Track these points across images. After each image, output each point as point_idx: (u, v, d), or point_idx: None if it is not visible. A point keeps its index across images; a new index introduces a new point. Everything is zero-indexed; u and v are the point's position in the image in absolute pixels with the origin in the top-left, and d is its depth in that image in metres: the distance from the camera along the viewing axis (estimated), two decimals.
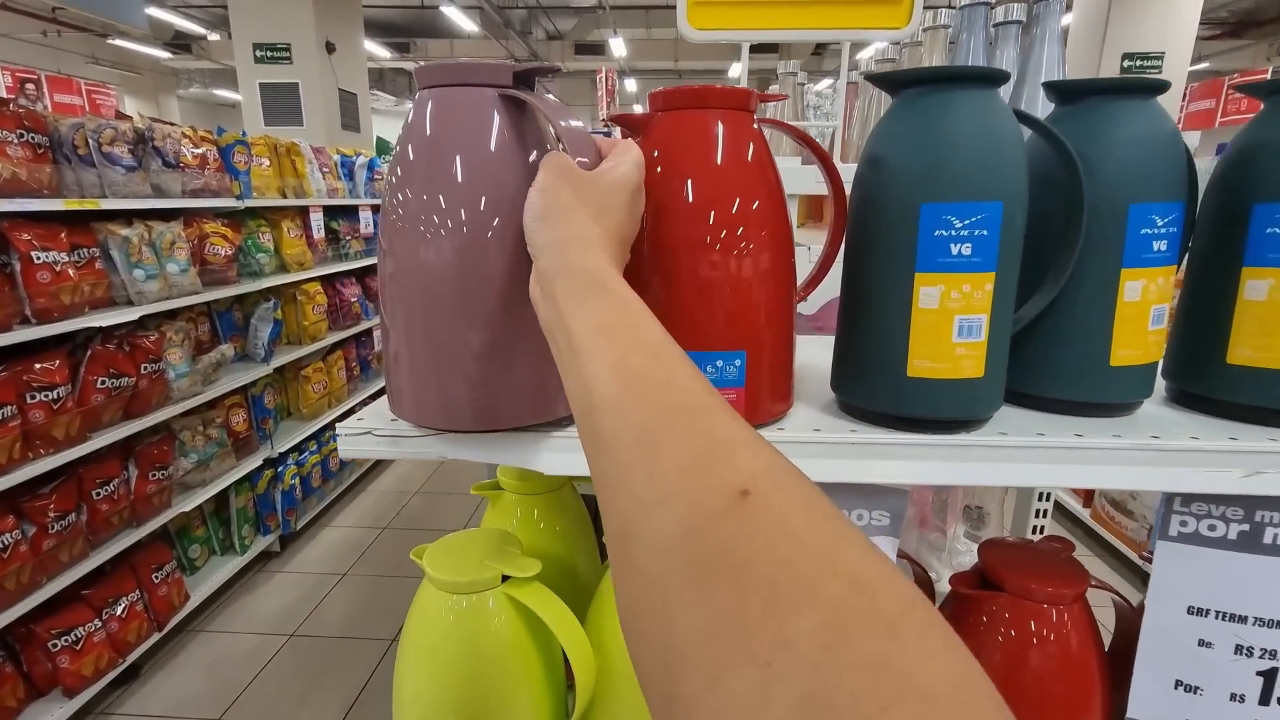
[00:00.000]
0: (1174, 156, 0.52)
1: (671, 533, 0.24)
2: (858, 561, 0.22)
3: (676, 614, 0.23)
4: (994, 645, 0.60)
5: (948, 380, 0.49)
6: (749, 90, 0.51)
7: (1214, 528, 0.52)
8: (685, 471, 0.25)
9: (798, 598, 0.21)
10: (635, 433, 0.28)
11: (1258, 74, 7.28)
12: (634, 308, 0.34)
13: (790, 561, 0.22)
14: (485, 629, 0.58)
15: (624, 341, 0.32)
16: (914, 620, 0.20)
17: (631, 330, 0.33)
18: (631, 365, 0.30)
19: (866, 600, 0.21)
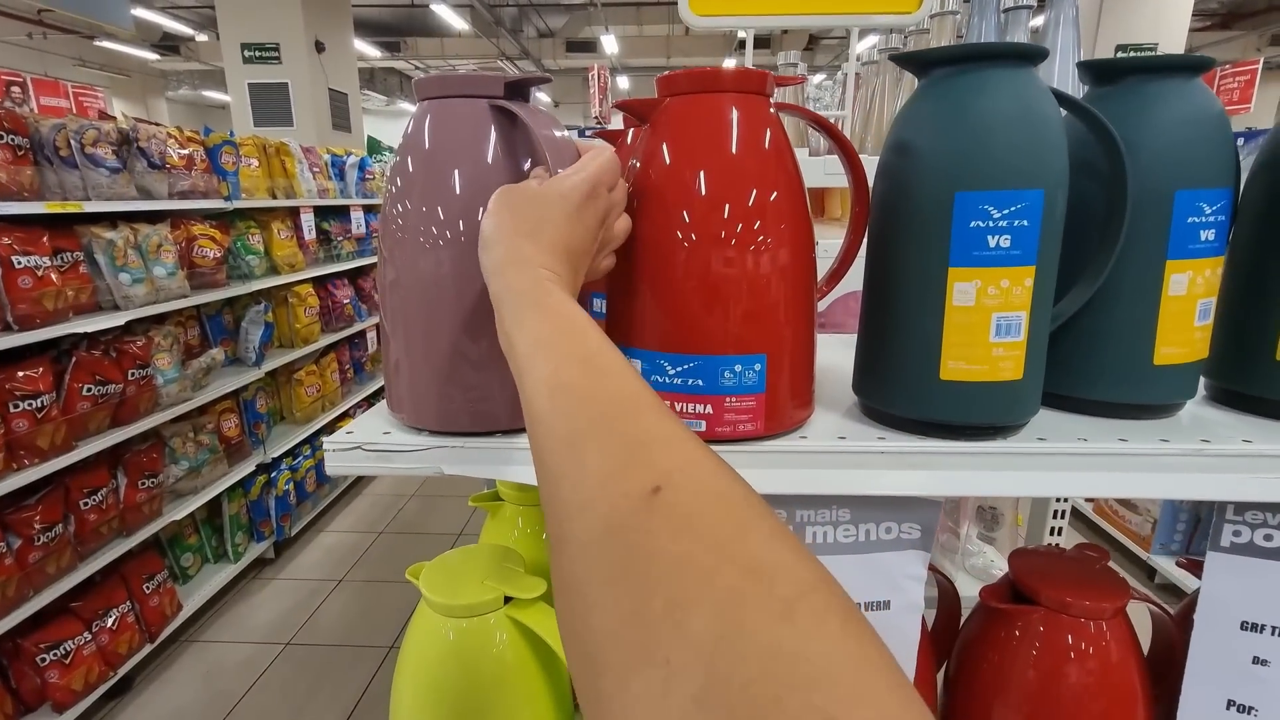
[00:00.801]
0: (1221, 139, 0.48)
1: (591, 537, 0.25)
2: (759, 548, 0.22)
3: (593, 617, 0.23)
4: (1028, 661, 0.57)
5: (984, 383, 0.46)
6: (765, 72, 0.48)
7: (1270, 537, 0.48)
8: (605, 477, 0.26)
9: (694, 591, 0.21)
10: (563, 444, 0.29)
11: (1248, 65, 7.28)
12: (568, 321, 0.35)
13: (689, 555, 0.22)
14: (487, 653, 0.55)
15: (556, 356, 0.33)
16: (811, 604, 0.20)
17: (564, 344, 0.33)
18: (561, 378, 0.31)
19: (764, 587, 0.21)
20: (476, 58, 11.80)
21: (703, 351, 0.46)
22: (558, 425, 0.29)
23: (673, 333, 0.46)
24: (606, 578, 0.23)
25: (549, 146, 0.45)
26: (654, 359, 0.47)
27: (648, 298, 0.46)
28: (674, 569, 0.22)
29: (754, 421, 0.47)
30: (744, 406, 0.47)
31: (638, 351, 0.48)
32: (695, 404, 0.47)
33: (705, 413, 0.47)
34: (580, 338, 0.34)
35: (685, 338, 0.46)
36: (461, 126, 0.48)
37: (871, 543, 0.50)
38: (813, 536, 0.50)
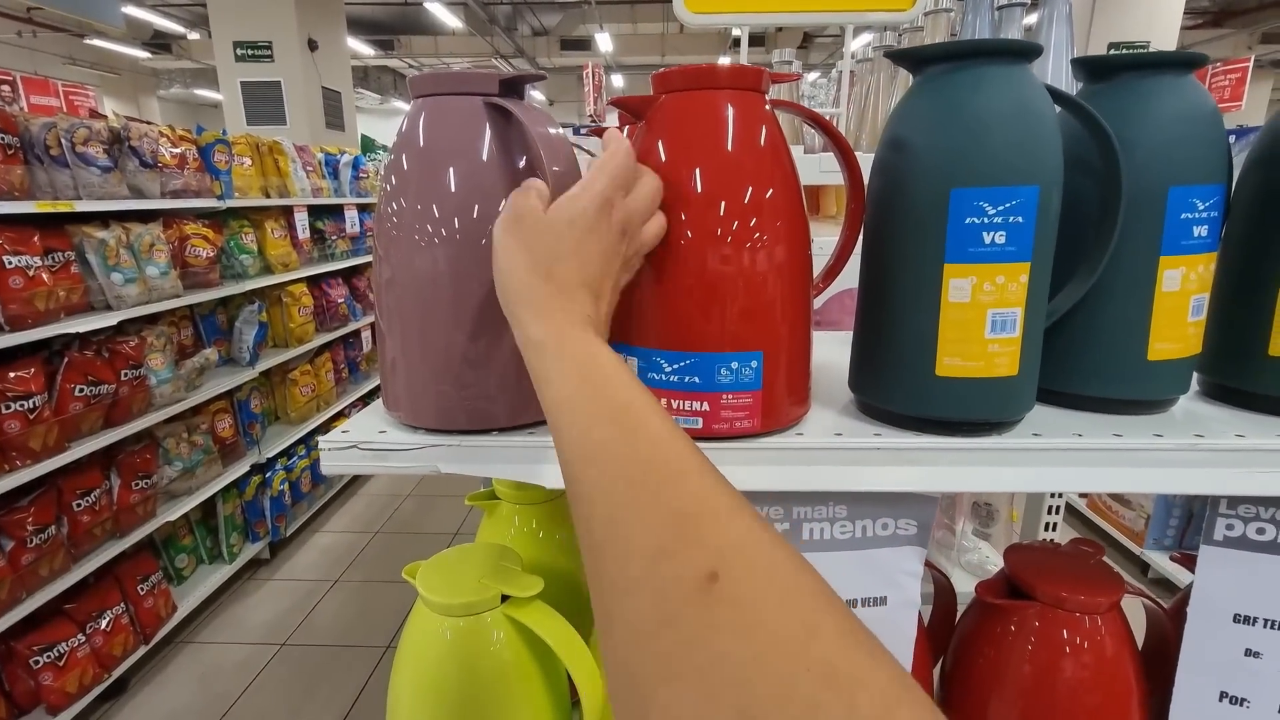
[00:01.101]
0: (1214, 136, 0.49)
1: (643, 622, 0.24)
2: (834, 651, 0.21)
3: (652, 712, 0.22)
4: (1024, 655, 0.57)
5: (980, 379, 0.46)
6: (760, 69, 0.48)
7: (1263, 531, 0.49)
8: (653, 556, 0.25)
9: (770, 704, 0.20)
10: (602, 516, 0.27)
11: (1239, 63, 7.32)
12: (593, 371, 0.33)
13: (759, 659, 0.21)
14: (485, 652, 0.55)
15: (585, 415, 0.31)
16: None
17: (591, 400, 0.32)
18: (593, 440, 0.30)
19: (844, 702, 0.20)
20: (470, 56, 11.77)
21: (699, 349, 0.46)
22: (595, 495, 0.28)
23: (669, 330, 0.46)
24: (664, 674, 0.22)
25: (544, 144, 0.45)
26: (650, 356, 0.47)
27: (644, 295, 0.46)
28: (743, 675, 0.21)
29: (751, 419, 0.47)
30: (740, 404, 0.47)
31: (633, 349, 0.48)
32: (692, 401, 0.47)
33: (702, 410, 0.47)
34: (607, 391, 0.32)
35: (682, 335, 0.46)
36: (456, 124, 0.48)
37: (868, 539, 0.50)
38: (809, 533, 0.50)
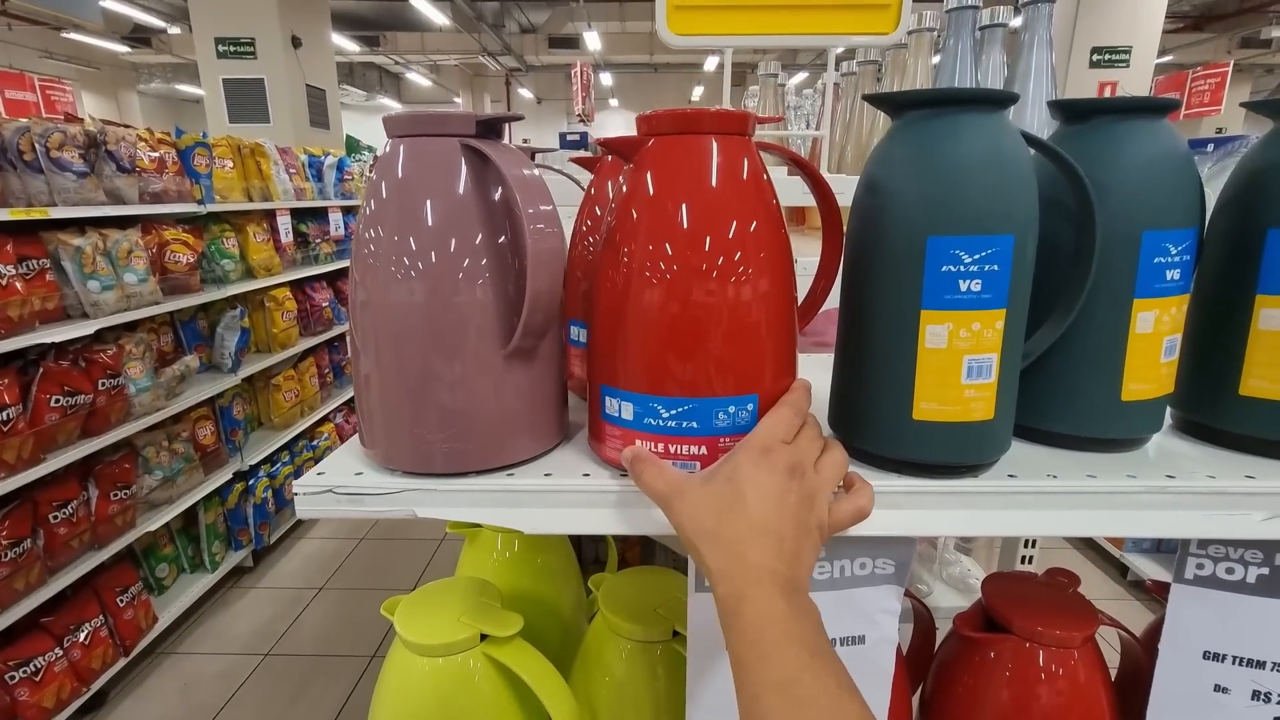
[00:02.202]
0: (1187, 180, 0.49)
1: None
2: None
3: None
4: (1001, 687, 0.58)
5: (956, 424, 0.46)
6: (746, 114, 0.47)
7: (1232, 571, 0.49)
8: None
9: None
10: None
11: (1219, 67, 7.43)
12: (763, 636, 0.34)
13: None
14: (464, 692, 0.54)
15: (754, 681, 0.33)
16: None
17: (759, 667, 0.33)
18: (761, 705, 0.32)
19: None
20: (457, 53, 11.68)
21: (698, 394, 0.45)
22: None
23: (667, 377, 0.46)
24: None
25: (518, 186, 0.44)
26: (647, 402, 0.46)
27: (641, 342, 0.46)
28: None
29: None
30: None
31: (630, 395, 0.47)
32: (690, 445, 0.46)
33: (700, 454, 0.47)
34: (777, 658, 0.33)
35: (680, 381, 0.45)
36: (433, 165, 0.47)
37: (846, 579, 0.51)
38: None
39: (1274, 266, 0.49)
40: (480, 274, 0.47)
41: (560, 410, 0.54)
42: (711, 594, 0.40)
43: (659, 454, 0.47)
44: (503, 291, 0.47)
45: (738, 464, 0.41)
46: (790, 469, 0.41)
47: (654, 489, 0.43)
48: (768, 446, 0.41)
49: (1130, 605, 2.64)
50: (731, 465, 0.41)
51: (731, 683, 0.35)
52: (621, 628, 0.57)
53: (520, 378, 0.49)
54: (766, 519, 0.38)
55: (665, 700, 0.56)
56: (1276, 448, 0.51)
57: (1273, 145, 0.51)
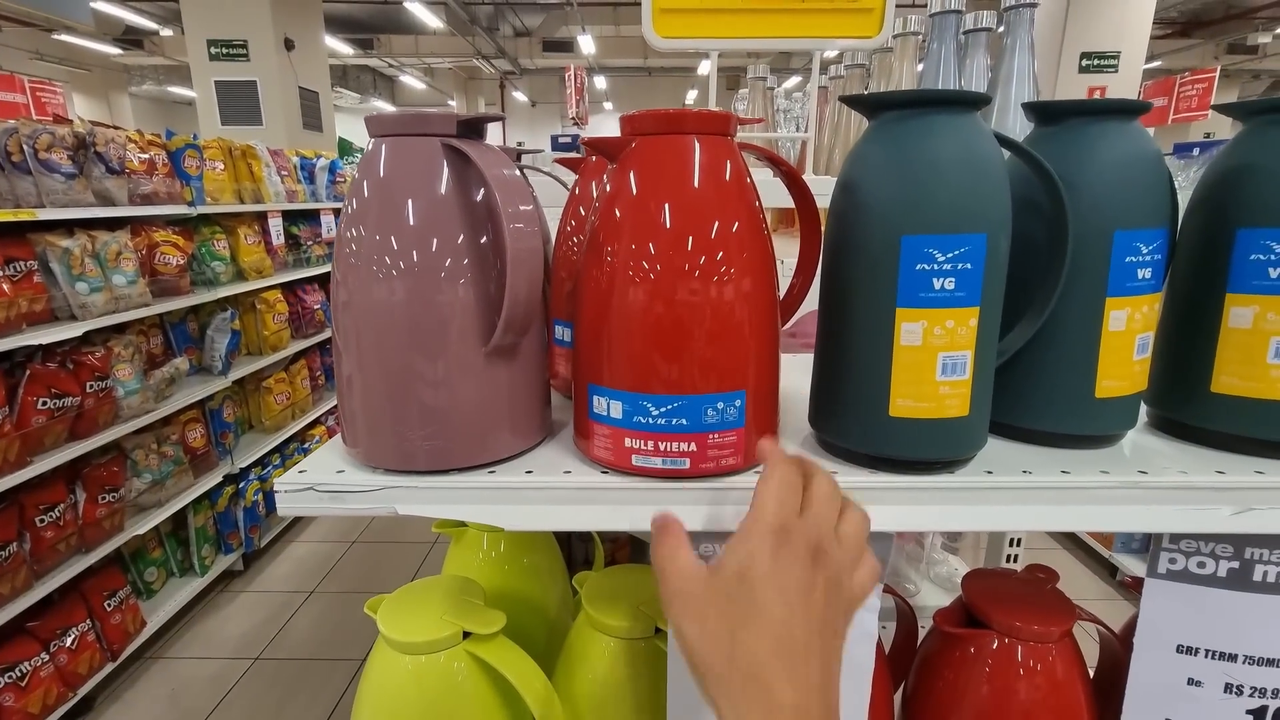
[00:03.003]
0: (1158, 181, 0.50)
1: None
2: None
3: None
4: (981, 681, 0.59)
5: (931, 420, 0.47)
6: (728, 114, 0.48)
7: (1203, 565, 0.50)
8: None
9: None
10: None
11: (1206, 73, 7.51)
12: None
13: None
14: (447, 690, 0.54)
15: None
16: None
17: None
18: None
19: None
20: (452, 55, 11.69)
21: (687, 391, 0.46)
22: None
23: (656, 375, 0.46)
24: None
25: (499, 186, 0.45)
26: (636, 401, 0.47)
27: (630, 342, 0.46)
28: None
29: (735, 456, 0.48)
30: (726, 442, 0.47)
31: (620, 394, 0.47)
32: (680, 443, 0.47)
33: (690, 450, 0.47)
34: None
35: (669, 379, 0.46)
36: (415, 165, 0.47)
37: None
38: None
39: (1243, 266, 0.50)
40: (461, 272, 0.47)
41: (543, 408, 0.55)
42: None
43: (649, 451, 0.47)
44: (484, 290, 0.48)
45: (750, 554, 0.33)
46: (813, 553, 0.33)
47: (661, 568, 0.36)
48: (783, 525, 0.33)
49: (1119, 605, 2.65)
50: (742, 555, 0.33)
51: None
52: (604, 624, 0.57)
53: (501, 376, 0.49)
54: (793, 631, 0.31)
55: (647, 697, 0.56)
56: (1246, 444, 0.51)
57: (1241, 147, 0.52)
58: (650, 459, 0.47)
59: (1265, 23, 10.14)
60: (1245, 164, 0.51)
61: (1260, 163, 0.50)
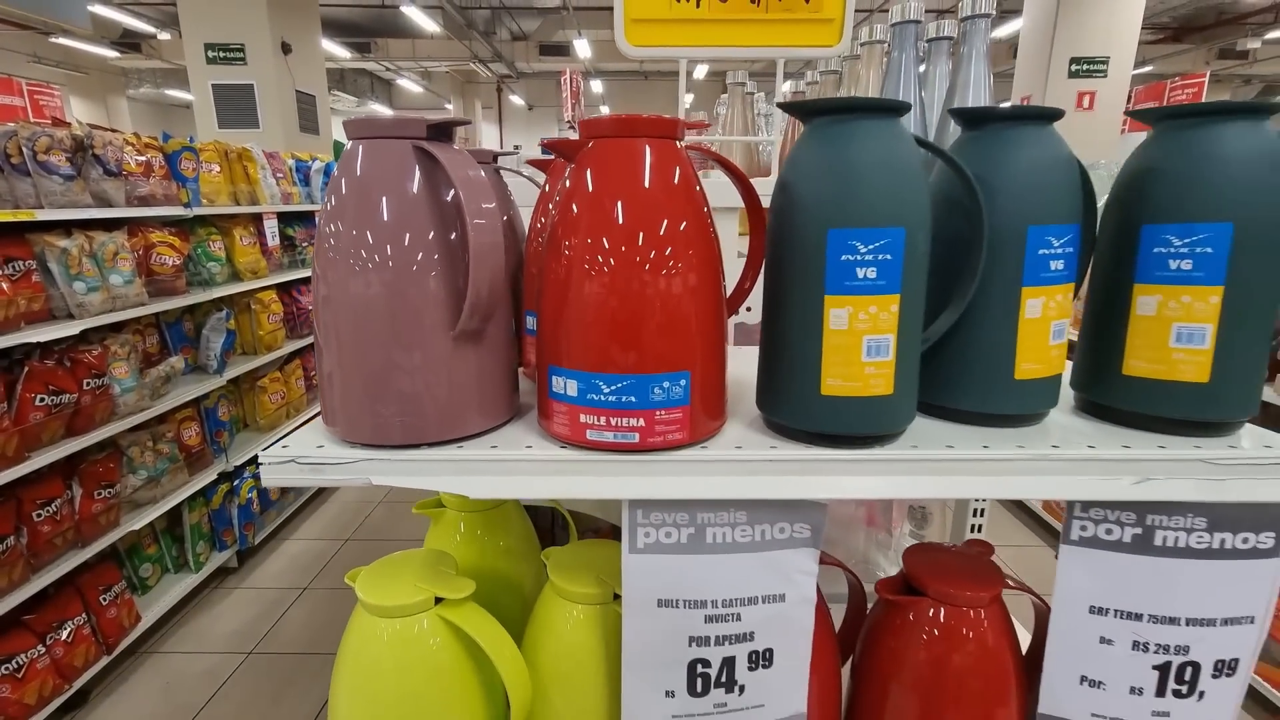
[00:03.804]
0: (1069, 180, 0.55)
1: None
2: None
3: None
4: (919, 645, 0.63)
5: (859, 398, 0.51)
6: (676, 120, 0.53)
7: (1110, 531, 0.55)
8: None
9: None
10: None
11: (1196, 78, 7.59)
12: None
13: None
14: (419, 653, 0.59)
15: None
16: None
17: None
18: None
19: None
20: (449, 59, 11.74)
21: (636, 371, 0.50)
22: None
23: (607, 355, 0.50)
24: None
25: (463, 185, 0.49)
26: (589, 379, 0.51)
27: (583, 324, 0.50)
28: None
29: (681, 431, 0.52)
30: (672, 419, 0.52)
31: (574, 373, 0.52)
32: (629, 419, 0.51)
33: (638, 426, 0.51)
34: None
35: (619, 359, 0.50)
36: (388, 164, 0.52)
37: (767, 541, 0.55)
38: (713, 537, 0.55)
39: (1148, 258, 0.55)
40: (431, 264, 0.51)
41: (509, 391, 0.59)
42: (643, 554, 0.43)
43: (602, 427, 0.51)
44: (452, 281, 0.52)
45: None
46: None
47: None
48: None
49: None
50: None
51: (661, 637, 0.32)
52: (566, 591, 0.61)
53: (468, 359, 0.54)
54: None
55: (606, 658, 0.60)
56: (1153, 421, 0.56)
57: (1147, 151, 0.56)
58: (603, 433, 0.51)
59: (1256, 28, 10.25)
60: (1149, 166, 0.55)
61: (1161, 165, 0.54)
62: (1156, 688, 0.55)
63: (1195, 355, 0.53)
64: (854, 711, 0.68)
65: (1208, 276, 0.52)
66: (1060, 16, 6.16)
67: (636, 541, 0.54)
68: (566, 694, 0.60)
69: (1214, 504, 0.52)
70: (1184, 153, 0.53)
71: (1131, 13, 6.19)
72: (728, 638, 0.55)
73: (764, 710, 0.58)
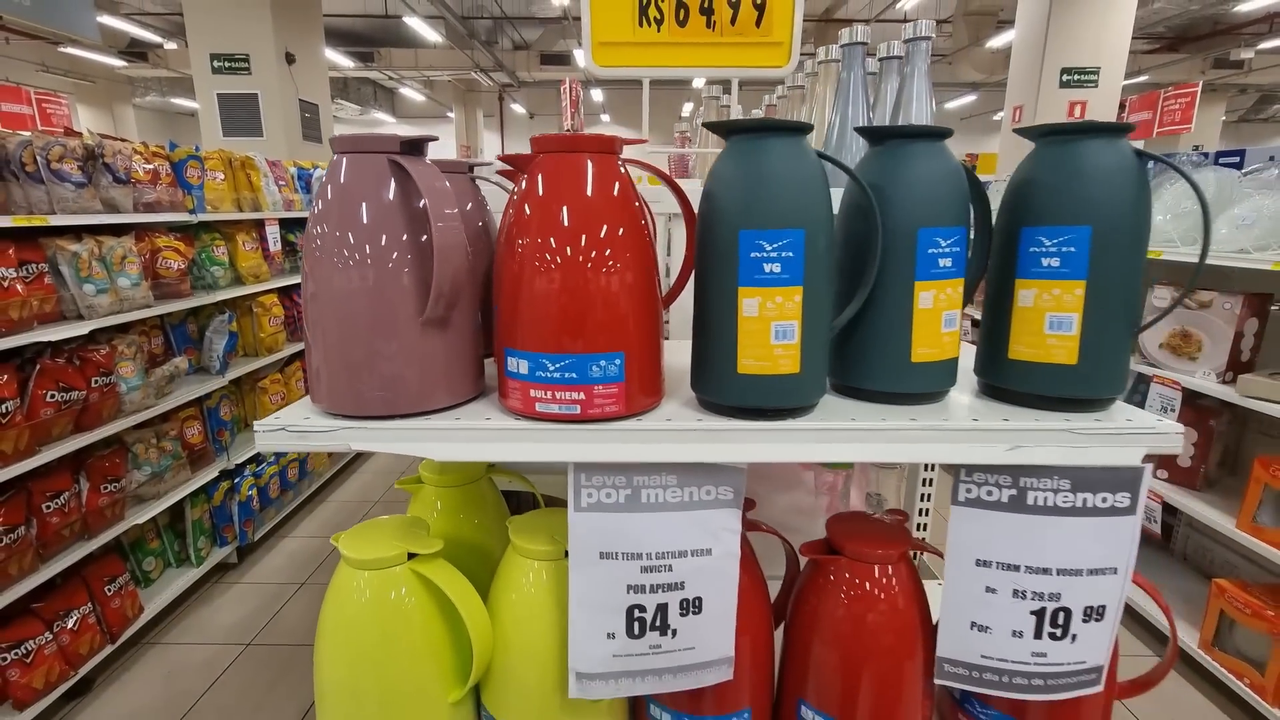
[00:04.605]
0: (956, 189, 0.63)
1: None
2: None
3: None
4: (837, 600, 0.71)
5: (769, 375, 0.60)
6: (615, 138, 0.61)
7: (990, 493, 0.63)
8: None
9: None
10: None
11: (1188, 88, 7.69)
12: None
13: None
14: (393, 601, 0.67)
15: None
16: None
17: None
18: None
19: None
20: (451, 68, 11.90)
21: (576, 351, 0.59)
22: None
23: (552, 337, 0.59)
24: None
25: (429, 194, 0.58)
26: (538, 359, 0.60)
27: (532, 311, 0.59)
28: None
29: (617, 404, 0.61)
30: (609, 393, 0.60)
31: (524, 354, 0.60)
32: (571, 393, 0.60)
33: (579, 399, 0.60)
34: None
35: (563, 342, 0.58)
36: (367, 175, 0.60)
37: (695, 502, 0.64)
38: (647, 497, 0.63)
39: (1026, 256, 0.63)
40: (404, 261, 0.60)
41: (473, 372, 0.68)
42: (587, 513, 0.51)
43: (548, 400, 0.60)
44: (422, 275, 0.60)
45: None
46: None
47: None
48: None
49: None
50: None
51: (603, 585, 0.37)
52: (524, 549, 0.69)
53: (436, 343, 0.62)
54: None
55: (557, 607, 0.68)
56: (1034, 399, 0.64)
57: (1029, 162, 0.65)
58: (549, 405, 0.60)
59: (1250, 38, 10.37)
60: (1029, 177, 0.64)
61: (1038, 176, 0.63)
62: (1034, 631, 0.63)
63: (1065, 340, 0.62)
64: (785, 660, 0.76)
65: (1073, 272, 0.61)
66: (1051, 27, 6.27)
67: (580, 501, 0.62)
68: (523, 639, 0.68)
69: (1077, 468, 0.60)
70: (1056, 165, 0.62)
71: (1122, 24, 6.30)
72: (661, 586, 0.63)
73: (694, 653, 0.66)
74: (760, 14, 0.95)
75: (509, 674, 0.70)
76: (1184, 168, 0.62)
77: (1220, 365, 2.06)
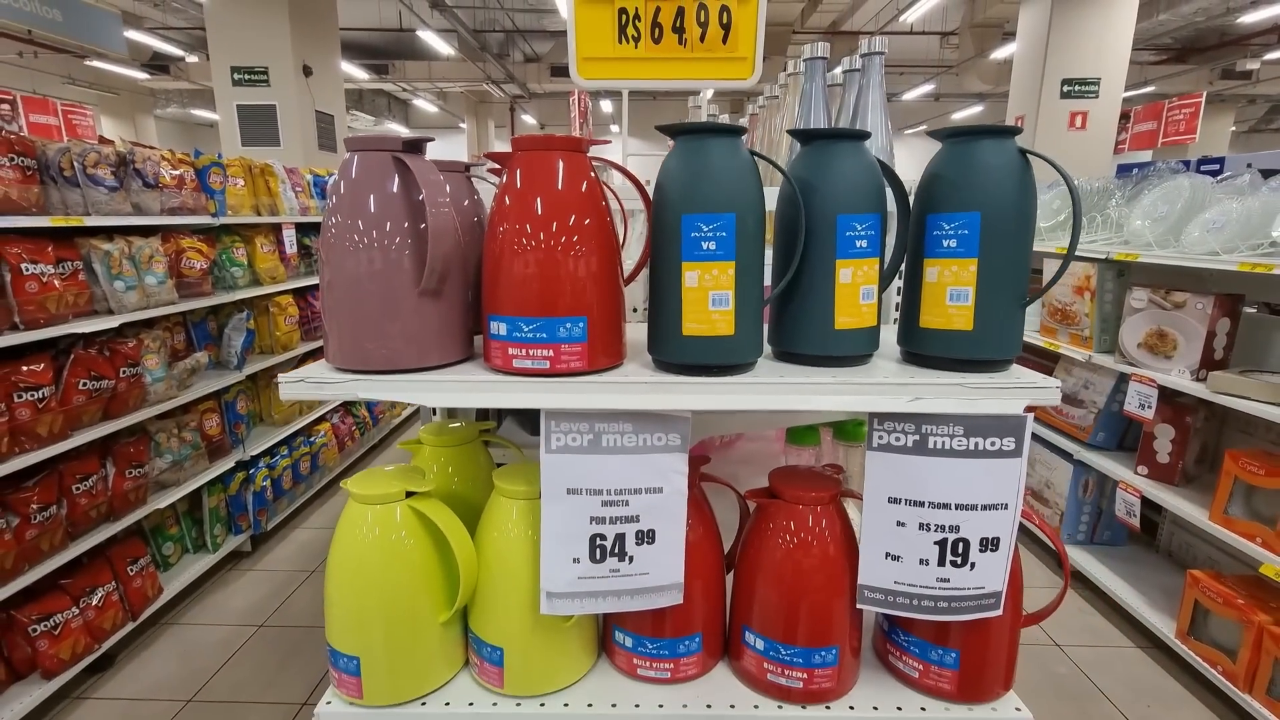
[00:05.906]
0: (871, 181, 0.74)
1: None
2: None
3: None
4: (777, 540, 0.81)
5: (708, 337, 0.71)
6: (583, 139, 0.73)
7: (899, 439, 0.73)
8: None
9: None
10: None
11: (1193, 98, 7.75)
12: None
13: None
14: (392, 533, 0.78)
15: None
16: None
17: None
18: None
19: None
20: (463, 80, 12.17)
21: (546, 315, 0.70)
22: None
23: (526, 303, 0.70)
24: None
25: (426, 186, 0.70)
26: (515, 321, 0.71)
27: (510, 281, 0.70)
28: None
29: (580, 361, 0.72)
30: (574, 351, 0.72)
31: (504, 317, 0.72)
32: (542, 350, 0.71)
33: (549, 356, 0.71)
34: None
35: (535, 306, 0.70)
36: (374, 169, 0.72)
37: (647, 447, 0.75)
38: (608, 441, 0.74)
39: (931, 239, 0.74)
40: (405, 244, 0.71)
41: (463, 337, 0.79)
42: (556, 454, 0.63)
43: (523, 357, 0.71)
44: (419, 253, 0.72)
45: None
46: None
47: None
48: None
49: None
50: None
51: (569, 517, 0.47)
52: (505, 490, 0.81)
53: (430, 310, 0.74)
54: None
55: (531, 539, 0.79)
56: (941, 362, 0.75)
57: (936, 159, 0.76)
58: (524, 361, 0.71)
59: (1257, 49, 10.40)
60: (935, 172, 0.75)
61: (941, 170, 0.74)
62: (938, 559, 0.73)
63: (962, 310, 0.72)
64: (735, 592, 0.87)
65: (967, 251, 0.71)
66: (1052, 39, 6.36)
67: (551, 444, 0.73)
68: (503, 566, 0.80)
69: (970, 416, 0.71)
70: (954, 161, 0.73)
71: (1122, 36, 6.38)
72: (619, 518, 0.74)
73: (649, 577, 0.77)
74: (726, 33, 1.07)
75: (492, 598, 0.81)
76: (1059, 163, 0.73)
77: (1194, 363, 2.15)
